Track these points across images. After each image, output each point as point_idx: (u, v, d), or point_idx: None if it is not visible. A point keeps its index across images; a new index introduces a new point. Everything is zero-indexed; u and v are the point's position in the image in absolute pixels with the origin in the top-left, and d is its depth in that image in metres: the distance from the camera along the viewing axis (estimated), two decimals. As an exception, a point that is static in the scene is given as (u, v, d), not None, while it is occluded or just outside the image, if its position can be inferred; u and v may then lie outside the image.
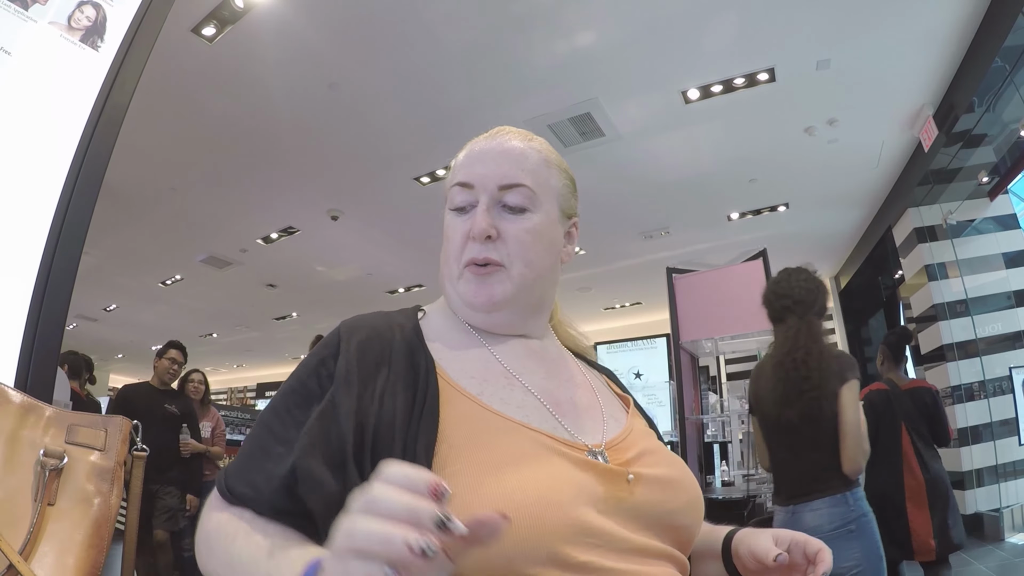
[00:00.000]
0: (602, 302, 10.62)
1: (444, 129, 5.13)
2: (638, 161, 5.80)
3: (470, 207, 0.80)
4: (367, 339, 0.71)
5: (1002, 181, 5.49)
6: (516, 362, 0.78)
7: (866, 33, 4.07)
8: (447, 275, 0.81)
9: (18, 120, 1.17)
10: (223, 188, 6.21)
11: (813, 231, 7.73)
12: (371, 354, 0.70)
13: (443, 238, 0.82)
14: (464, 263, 0.78)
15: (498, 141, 0.84)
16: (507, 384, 0.74)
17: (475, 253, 0.77)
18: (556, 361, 0.85)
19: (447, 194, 0.83)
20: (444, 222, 0.82)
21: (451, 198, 0.81)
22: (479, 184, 0.79)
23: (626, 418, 0.84)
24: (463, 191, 0.80)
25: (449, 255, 0.80)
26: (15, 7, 1.18)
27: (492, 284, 0.77)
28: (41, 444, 0.89)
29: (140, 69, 1.36)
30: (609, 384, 0.93)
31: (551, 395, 0.76)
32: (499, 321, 0.81)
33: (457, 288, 0.79)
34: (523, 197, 0.80)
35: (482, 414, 0.68)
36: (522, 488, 0.59)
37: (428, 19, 3.94)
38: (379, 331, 0.73)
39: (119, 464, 0.92)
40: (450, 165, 0.86)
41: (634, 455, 0.74)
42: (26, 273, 1.12)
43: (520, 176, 0.80)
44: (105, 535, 0.88)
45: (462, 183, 0.80)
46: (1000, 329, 5.51)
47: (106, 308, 10.82)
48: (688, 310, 4.14)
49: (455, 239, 0.79)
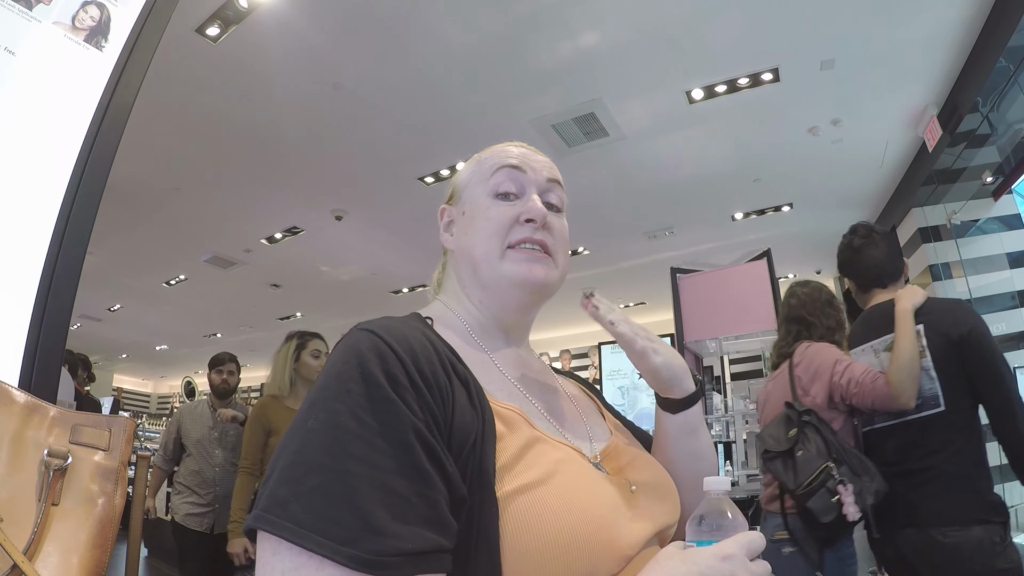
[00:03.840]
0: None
1: (448, 129, 5.13)
2: (642, 161, 5.79)
3: (516, 195, 0.81)
4: (421, 349, 0.64)
5: (1006, 181, 5.47)
6: (514, 371, 0.78)
7: (870, 33, 4.06)
8: (485, 256, 0.79)
9: (22, 120, 1.17)
10: (227, 188, 6.22)
11: (817, 231, 7.70)
12: (430, 366, 0.63)
13: (472, 224, 0.81)
14: (511, 243, 0.78)
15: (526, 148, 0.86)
16: (517, 395, 0.74)
17: (529, 234, 0.78)
18: (541, 371, 0.86)
19: (490, 179, 0.82)
20: (478, 206, 0.81)
21: (495, 183, 0.81)
22: (530, 172, 0.81)
23: (605, 424, 0.85)
24: (513, 174, 0.81)
25: (490, 235, 0.79)
26: (19, 7, 1.18)
27: (544, 267, 0.78)
28: (45, 444, 0.89)
29: (144, 69, 1.36)
30: (580, 387, 0.93)
31: (549, 406, 0.76)
32: (518, 320, 0.82)
33: (502, 267, 0.78)
34: (560, 198, 0.83)
35: (524, 428, 0.67)
36: (580, 509, 0.60)
37: (432, 19, 3.94)
38: (421, 343, 0.66)
39: (123, 464, 0.92)
40: (454, 166, 0.86)
41: (626, 462, 0.75)
42: (30, 273, 1.12)
43: (560, 177, 0.83)
44: (109, 535, 0.88)
45: (514, 166, 0.81)
46: (1004, 329, 5.48)
47: (110, 308, 10.86)
48: (692, 310, 4.14)
49: (500, 220, 0.79)
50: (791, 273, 9.46)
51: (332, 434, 0.54)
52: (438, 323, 0.77)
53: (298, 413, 0.59)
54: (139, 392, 19.21)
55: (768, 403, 2.30)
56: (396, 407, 0.56)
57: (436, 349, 0.65)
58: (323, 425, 0.55)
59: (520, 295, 0.79)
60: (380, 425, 0.55)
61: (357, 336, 0.63)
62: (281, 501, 0.51)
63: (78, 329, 11.53)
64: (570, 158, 5.56)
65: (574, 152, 5.50)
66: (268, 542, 0.52)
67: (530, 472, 0.60)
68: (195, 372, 17.22)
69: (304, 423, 0.56)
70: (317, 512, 0.50)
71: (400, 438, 0.55)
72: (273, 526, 0.50)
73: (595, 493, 0.64)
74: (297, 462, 0.53)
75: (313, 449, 0.54)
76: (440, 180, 5.85)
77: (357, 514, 0.50)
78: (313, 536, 0.49)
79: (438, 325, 0.77)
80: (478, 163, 0.85)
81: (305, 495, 0.51)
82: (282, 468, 0.54)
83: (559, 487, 0.60)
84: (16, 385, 1.03)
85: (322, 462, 0.53)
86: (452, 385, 0.63)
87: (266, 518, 0.51)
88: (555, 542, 0.56)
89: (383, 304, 9.91)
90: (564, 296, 0.94)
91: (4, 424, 0.88)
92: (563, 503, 0.59)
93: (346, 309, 10.54)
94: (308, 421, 0.56)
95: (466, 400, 0.63)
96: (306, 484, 0.52)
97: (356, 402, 0.56)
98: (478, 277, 0.80)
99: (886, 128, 5.32)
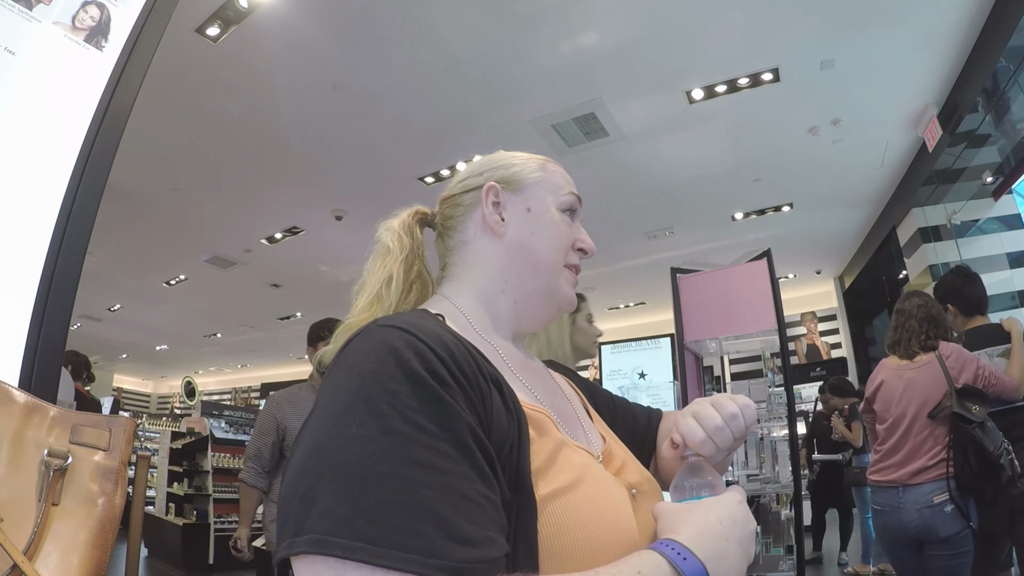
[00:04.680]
0: (606, 302, 10.62)
1: (448, 129, 5.13)
2: (642, 161, 5.80)
3: (575, 217, 0.86)
4: (456, 348, 0.61)
5: (1006, 181, 5.48)
6: (526, 372, 0.78)
7: (870, 33, 4.06)
8: (549, 266, 0.80)
9: (22, 120, 1.17)
10: (227, 188, 6.23)
11: (817, 231, 7.72)
12: (469, 366, 0.60)
13: (542, 227, 0.82)
14: (568, 264, 0.83)
15: None
16: (537, 397, 0.74)
17: (578, 261, 0.84)
18: (543, 371, 0.85)
19: (560, 194, 0.84)
20: (550, 213, 0.82)
21: (567, 201, 0.84)
22: (581, 205, 0.88)
23: (594, 425, 0.84)
24: (576, 202, 0.86)
25: (561, 248, 0.82)
26: (19, 7, 1.18)
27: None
28: (45, 444, 0.89)
29: (144, 69, 1.36)
30: (570, 384, 0.93)
31: (559, 408, 0.76)
32: (531, 328, 0.84)
33: (558, 283, 0.81)
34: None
35: (553, 431, 0.67)
36: (608, 513, 0.61)
37: (432, 19, 3.95)
38: (453, 342, 0.62)
39: (123, 464, 0.92)
40: (454, 166, 0.87)
41: (620, 464, 0.75)
42: (30, 273, 1.12)
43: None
44: (110, 535, 0.88)
45: (577, 196, 0.86)
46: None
47: (110, 308, 10.87)
48: (692, 310, 4.12)
49: (566, 239, 0.83)
50: (791, 273, 9.46)
51: (387, 440, 0.49)
52: (449, 321, 0.73)
53: (323, 419, 0.54)
54: (139, 392, 19.23)
55: (914, 385, 2.60)
56: (450, 408, 0.53)
57: (467, 348, 0.63)
58: (372, 431, 0.50)
59: (554, 313, 0.83)
60: (439, 428, 0.51)
61: (386, 333, 0.58)
62: (344, 519, 0.46)
63: (78, 329, 11.53)
64: (570, 158, 5.55)
65: (574, 152, 5.50)
66: (324, 565, 0.47)
67: (562, 476, 0.60)
68: (195, 372, 17.25)
69: (344, 430, 0.51)
70: (392, 526, 0.46)
71: (460, 440, 0.52)
72: (345, 550, 0.45)
73: (615, 497, 0.65)
74: (351, 474, 0.48)
75: (367, 459, 0.49)
76: (440, 180, 5.85)
77: (436, 523, 0.47)
78: (394, 552, 0.45)
79: (450, 323, 0.72)
80: (543, 170, 0.85)
81: (371, 509, 0.46)
82: (331, 482, 0.48)
83: (589, 491, 0.61)
84: (16, 385, 1.03)
85: (383, 471, 0.48)
86: (489, 386, 0.61)
87: (333, 541, 0.46)
88: (589, 544, 0.57)
89: (383, 304, 9.90)
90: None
91: (4, 424, 0.88)
92: (594, 507, 0.60)
93: (346, 309, 10.36)
94: (350, 428, 0.51)
95: (500, 402, 0.61)
96: (370, 497, 0.47)
97: (407, 404, 0.52)
98: (535, 279, 0.80)
99: (886, 128, 5.33)
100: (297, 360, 15.96)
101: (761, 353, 4.86)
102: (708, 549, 0.54)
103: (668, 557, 0.52)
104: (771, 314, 3.76)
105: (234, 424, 7.82)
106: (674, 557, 0.52)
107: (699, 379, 4.55)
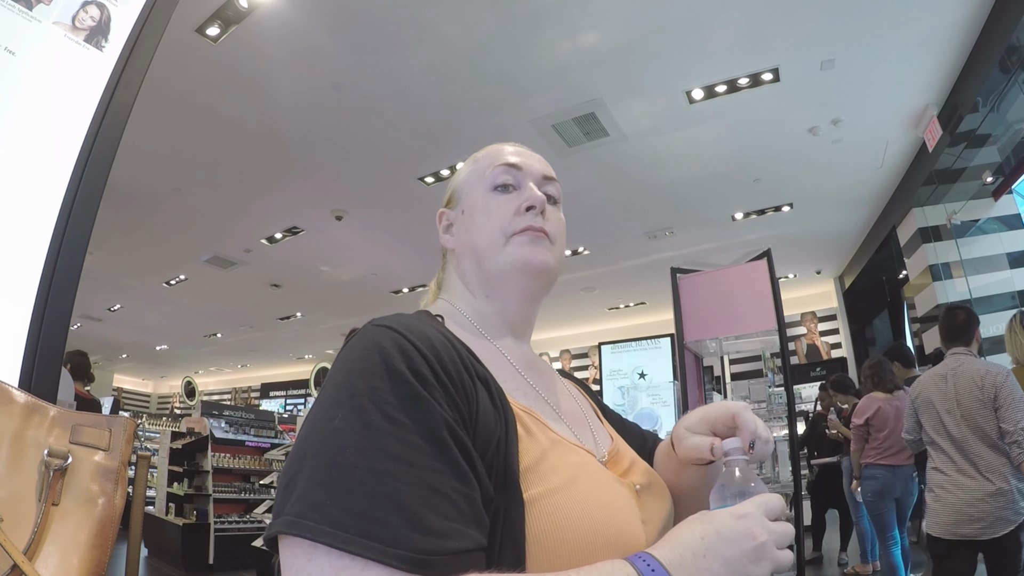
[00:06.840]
0: (606, 302, 10.61)
1: (448, 130, 5.13)
2: (642, 161, 5.80)
3: (515, 187, 0.82)
4: (442, 347, 0.62)
5: (1006, 181, 5.47)
6: (526, 371, 0.78)
7: (870, 33, 4.07)
8: (488, 248, 0.79)
9: (22, 120, 1.17)
10: (227, 188, 6.23)
11: (817, 231, 7.72)
12: (453, 365, 0.62)
13: (473, 220, 0.82)
14: (514, 231, 0.79)
15: (520, 147, 0.88)
16: (532, 395, 0.74)
17: (530, 222, 0.79)
18: (547, 371, 0.86)
19: (486, 176, 0.83)
20: (476, 203, 0.82)
21: (493, 178, 0.82)
22: (527, 168, 0.83)
23: (603, 427, 0.85)
24: (510, 171, 0.82)
25: (493, 228, 0.80)
26: (19, 7, 1.18)
27: (544, 250, 0.79)
28: (45, 444, 0.89)
29: (144, 69, 1.35)
30: (579, 389, 0.94)
31: (560, 407, 0.76)
32: (523, 314, 0.82)
33: (505, 254, 0.78)
34: (556, 191, 0.85)
35: (543, 430, 0.67)
36: (601, 514, 0.61)
37: (432, 20, 3.95)
38: (441, 341, 0.64)
39: (124, 464, 0.92)
40: (454, 166, 0.86)
41: (628, 465, 0.75)
42: (30, 273, 1.12)
43: (554, 174, 0.86)
44: (110, 535, 0.88)
45: (511, 164, 0.83)
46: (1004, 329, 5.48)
47: (110, 308, 10.87)
48: (692, 310, 4.12)
49: (500, 212, 0.80)
50: (791, 273, 9.47)
51: (363, 433, 0.52)
52: (448, 321, 0.77)
53: (315, 412, 0.56)
54: (139, 392, 19.25)
55: (900, 409, 3.75)
56: (427, 404, 0.55)
57: (455, 347, 0.65)
58: (352, 424, 0.53)
59: (524, 281, 0.79)
60: (413, 423, 0.54)
61: (376, 332, 0.61)
62: (316, 505, 0.49)
63: (78, 329, 11.54)
64: (570, 158, 5.56)
65: (574, 152, 5.50)
66: (300, 548, 0.50)
67: (553, 476, 0.61)
68: (195, 372, 17.26)
69: (328, 423, 0.54)
70: (358, 514, 0.48)
71: (435, 435, 0.54)
72: (313, 532, 0.48)
73: (612, 497, 0.65)
74: (328, 464, 0.51)
75: (344, 449, 0.52)
76: (440, 180, 5.85)
77: (401, 514, 0.49)
78: (358, 539, 0.47)
79: (448, 323, 0.76)
80: (474, 163, 0.87)
81: (343, 497, 0.49)
82: (311, 470, 0.51)
83: (582, 492, 0.61)
84: (16, 385, 1.03)
85: (356, 462, 0.51)
86: (475, 384, 0.62)
87: (303, 524, 0.48)
88: (579, 544, 0.57)
89: (383, 304, 9.92)
90: (564, 296, 0.94)
91: (4, 424, 0.88)
92: (586, 508, 0.60)
93: (346, 309, 10.54)
94: (333, 421, 0.54)
95: (488, 400, 0.62)
96: (342, 486, 0.50)
97: (385, 399, 0.54)
98: (483, 270, 0.80)
99: (886, 128, 5.33)
100: (297, 360, 15.99)
101: (761, 353, 4.87)
102: (687, 567, 0.52)
103: (638, 569, 0.52)
104: (771, 314, 3.77)
105: (234, 424, 7.79)
106: (643, 569, 0.52)
107: (699, 379, 4.55)
